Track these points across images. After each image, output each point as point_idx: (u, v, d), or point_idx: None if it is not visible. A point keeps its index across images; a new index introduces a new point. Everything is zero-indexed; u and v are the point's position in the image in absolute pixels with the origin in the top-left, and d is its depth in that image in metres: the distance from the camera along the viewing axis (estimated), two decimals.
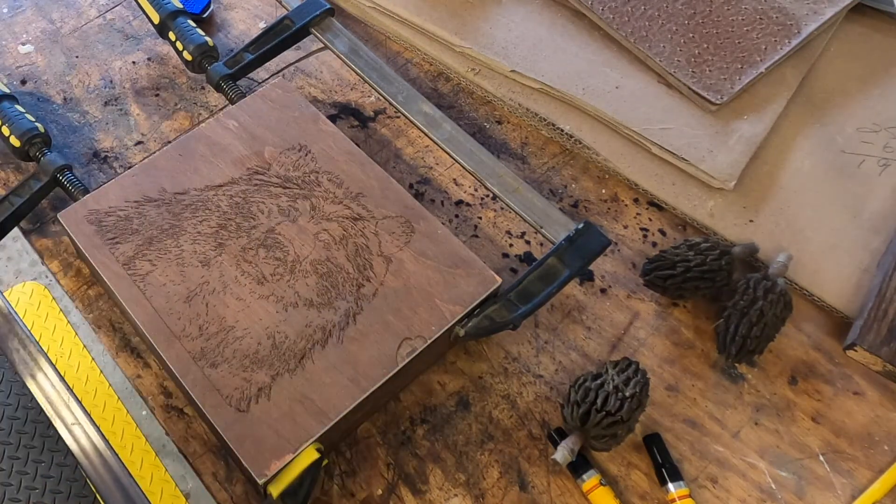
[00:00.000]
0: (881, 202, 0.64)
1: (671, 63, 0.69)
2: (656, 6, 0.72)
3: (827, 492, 0.53)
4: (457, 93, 0.72)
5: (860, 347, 0.55)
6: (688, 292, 0.58)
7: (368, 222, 0.57)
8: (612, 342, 0.59)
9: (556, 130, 0.68)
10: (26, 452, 0.60)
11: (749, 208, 0.64)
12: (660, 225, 0.64)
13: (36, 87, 0.71)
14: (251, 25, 0.76)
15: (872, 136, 0.68)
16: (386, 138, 0.69)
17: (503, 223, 0.64)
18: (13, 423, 0.61)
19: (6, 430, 0.61)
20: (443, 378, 0.57)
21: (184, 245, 0.56)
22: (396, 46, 0.75)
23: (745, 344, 0.55)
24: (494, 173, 0.59)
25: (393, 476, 0.53)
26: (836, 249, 0.62)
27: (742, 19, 0.71)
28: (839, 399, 0.56)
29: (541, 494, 0.52)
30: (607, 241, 0.55)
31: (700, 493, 0.53)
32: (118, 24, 0.76)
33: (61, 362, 0.61)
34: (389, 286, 0.55)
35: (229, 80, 0.66)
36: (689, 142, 0.65)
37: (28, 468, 0.59)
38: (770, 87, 0.69)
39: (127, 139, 0.68)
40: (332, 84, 0.72)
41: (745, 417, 0.55)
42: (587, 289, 0.61)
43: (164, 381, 0.56)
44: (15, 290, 0.65)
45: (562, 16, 0.74)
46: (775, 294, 0.55)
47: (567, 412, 0.52)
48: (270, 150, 0.61)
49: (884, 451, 0.54)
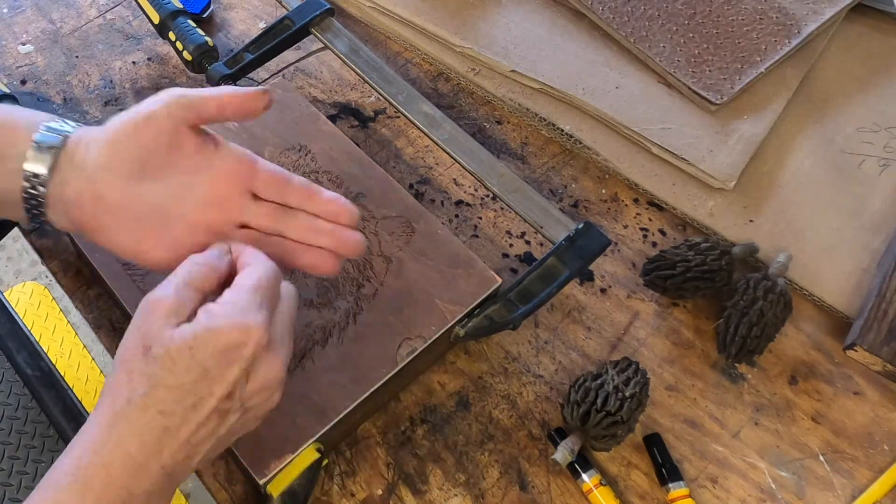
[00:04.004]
0: (881, 202, 0.64)
1: (671, 63, 0.69)
2: (656, 6, 0.72)
3: (827, 492, 0.53)
4: (457, 93, 0.72)
5: (860, 347, 0.55)
6: (688, 292, 0.58)
7: (368, 222, 0.57)
8: (612, 342, 0.59)
9: (556, 130, 0.68)
10: (26, 452, 0.60)
11: (749, 208, 0.64)
12: (660, 225, 0.64)
13: (36, 87, 0.71)
14: (251, 25, 0.76)
15: (872, 136, 0.68)
16: (386, 138, 0.69)
17: (503, 223, 0.64)
18: (13, 423, 0.61)
19: (6, 430, 0.61)
20: (443, 378, 0.57)
21: None
22: (396, 46, 0.75)
23: (745, 344, 0.55)
24: (494, 173, 0.59)
25: (393, 476, 0.53)
26: (836, 249, 0.62)
27: (742, 19, 0.71)
28: (839, 399, 0.56)
29: (541, 494, 0.52)
30: (607, 241, 0.55)
31: (700, 493, 0.53)
32: (118, 24, 0.76)
33: (61, 362, 0.61)
34: (390, 286, 0.55)
35: (229, 80, 0.66)
36: (689, 142, 0.65)
37: (28, 468, 0.59)
38: (770, 87, 0.69)
39: None
40: (332, 84, 0.72)
41: (745, 417, 0.55)
42: (587, 289, 0.61)
43: None
44: (15, 290, 0.65)
45: (562, 16, 0.74)
46: (775, 294, 0.55)
47: (567, 412, 0.52)
48: (270, 150, 0.61)
49: (884, 451, 0.54)
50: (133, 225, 0.45)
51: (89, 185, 0.44)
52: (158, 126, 0.45)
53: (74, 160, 0.45)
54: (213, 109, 0.46)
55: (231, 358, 0.39)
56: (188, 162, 0.46)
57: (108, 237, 0.45)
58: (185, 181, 0.46)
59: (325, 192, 0.48)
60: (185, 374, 0.38)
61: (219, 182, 0.46)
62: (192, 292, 0.41)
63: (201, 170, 0.46)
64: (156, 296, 0.40)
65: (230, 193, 0.47)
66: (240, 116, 0.47)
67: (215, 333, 0.38)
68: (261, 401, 0.42)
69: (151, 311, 0.40)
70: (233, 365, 0.39)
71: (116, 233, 0.45)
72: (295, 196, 0.47)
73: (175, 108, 0.45)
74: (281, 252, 0.47)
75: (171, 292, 0.40)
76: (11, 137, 0.45)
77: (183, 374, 0.38)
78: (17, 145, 0.45)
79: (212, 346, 0.38)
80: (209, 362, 0.38)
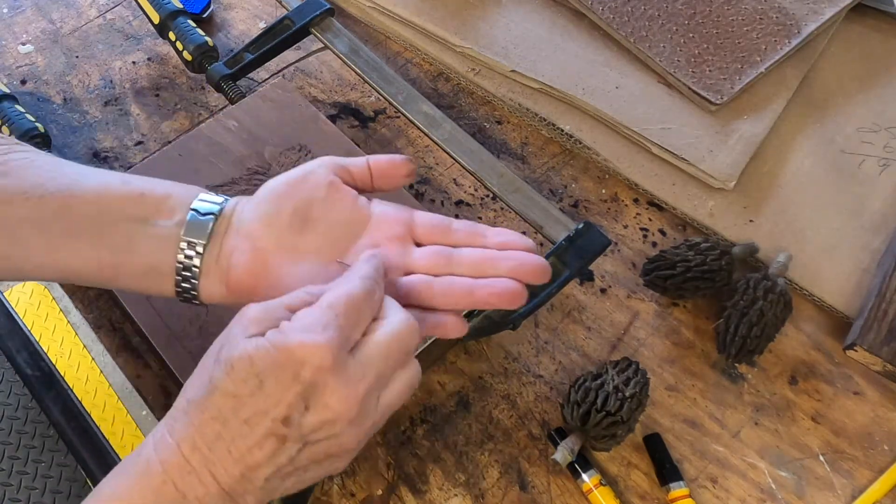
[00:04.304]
0: (881, 202, 0.64)
1: (671, 63, 0.69)
2: (656, 6, 0.72)
3: (827, 492, 0.53)
4: (457, 93, 0.72)
5: (860, 347, 0.55)
6: (688, 292, 0.58)
7: None
8: (612, 342, 0.59)
9: (556, 130, 0.68)
10: (26, 452, 0.60)
11: (749, 208, 0.64)
12: (660, 225, 0.64)
13: (36, 87, 0.71)
14: (251, 25, 0.76)
15: (872, 136, 0.68)
16: (386, 138, 0.69)
17: (503, 223, 0.64)
18: (13, 423, 0.61)
19: (6, 430, 0.61)
20: (443, 378, 0.57)
21: None
22: (396, 46, 0.75)
23: (745, 344, 0.55)
24: (494, 173, 0.59)
25: (393, 476, 0.53)
26: (836, 249, 0.62)
27: (742, 19, 0.71)
28: (839, 399, 0.56)
29: (541, 494, 0.52)
30: (607, 241, 0.55)
31: (700, 493, 0.53)
32: (118, 24, 0.76)
33: (61, 362, 0.61)
34: None
35: (229, 80, 0.66)
36: (689, 142, 0.65)
37: (28, 468, 0.59)
38: (770, 87, 0.69)
39: (127, 139, 0.68)
40: (332, 84, 0.72)
41: (745, 417, 0.55)
42: (587, 289, 0.61)
43: (163, 381, 0.56)
44: (15, 290, 0.65)
45: (562, 16, 0.74)
46: (775, 294, 0.55)
47: (567, 412, 0.52)
48: (270, 150, 0.61)
49: (884, 451, 0.54)
50: (291, 279, 0.43)
51: (249, 241, 0.44)
52: (315, 180, 0.45)
53: (231, 224, 0.44)
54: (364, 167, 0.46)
55: (288, 376, 0.36)
56: (346, 213, 0.45)
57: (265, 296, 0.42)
58: (344, 230, 0.45)
59: (491, 229, 0.46)
60: (241, 384, 0.36)
61: (379, 228, 0.45)
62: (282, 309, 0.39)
63: (360, 219, 0.46)
64: (250, 306, 0.39)
65: (391, 240, 0.45)
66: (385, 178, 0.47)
67: (276, 348, 0.36)
68: (323, 437, 0.37)
69: (239, 317, 0.39)
70: (290, 385, 0.36)
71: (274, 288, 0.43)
72: (459, 236, 0.45)
73: (330, 165, 0.46)
74: (455, 291, 0.43)
75: (261, 304, 0.39)
76: (166, 206, 0.44)
77: (240, 385, 0.36)
78: (174, 214, 0.44)
79: (271, 360, 0.36)
80: (266, 377, 0.36)
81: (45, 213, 0.43)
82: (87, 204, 0.44)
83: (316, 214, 0.44)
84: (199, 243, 0.44)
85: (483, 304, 0.44)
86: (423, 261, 0.45)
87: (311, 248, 0.44)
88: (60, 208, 0.43)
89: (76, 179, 0.45)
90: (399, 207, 0.47)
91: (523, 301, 0.43)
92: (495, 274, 0.44)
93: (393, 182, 0.47)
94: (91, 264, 0.44)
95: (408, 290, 0.44)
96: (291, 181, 0.45)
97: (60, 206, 0.43)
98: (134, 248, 0.44)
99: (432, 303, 0.44)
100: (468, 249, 0.45)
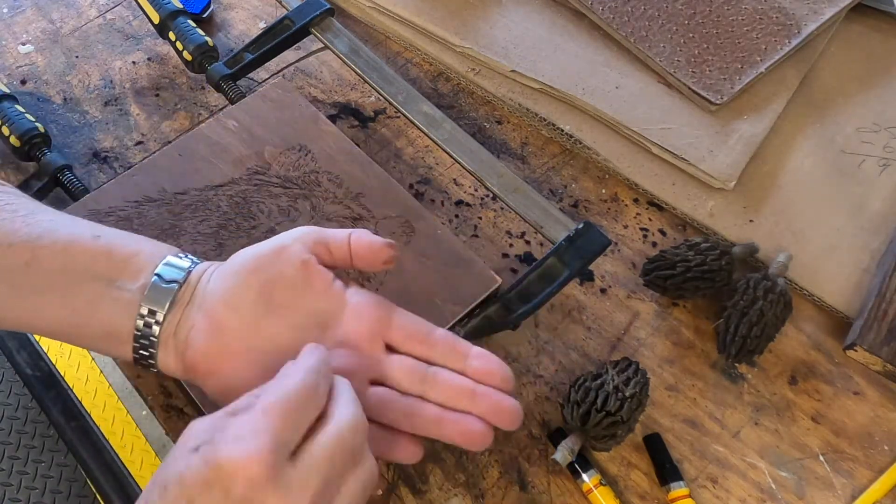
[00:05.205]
0: (881, 202, 0.64)
1: (671, 63, 0.69)
2: (656, 6, 0.72)
3: (827, 492, 0.53)
4: (457, 93, 0.72)
5: (860, 347, 0.55)
6: (688, 292, 0.58)
7: (368, 222, 0.57)
8: (612, 342, 0.59)
9: (556, 130, 0.68)
10: (26, 452, 0.60)
11: (749, 208, 0.64)
12: (660, 225, 0.64)
13: (36, 87, 0.71)
14: (251, 25, 0.76)
15: (872, 136, 0.68)
16: (386, 138, 0.69)
17: (503, 223, 0.64)
18: (13, 423, 0.61)
19: (6, 430, 0.61)
20: None
21: (184, 245, 0.56)
22: (396, 46, 0.75)
23: (745, 344, 0.55)
24: (494, 173, 0.59)
25: (393, 476, 0.53)
26: (836, 249, 0.62)
27: (742, 19, 0.71)
28: (839, 399, 0.56)
29: (541, 494, 0.52)
30: (607, 241, 0.55)
31: (700, 493, 0.53)
32: (118, 24, 0.76)
33: (61, 362, 0.61)
34: (389, 286, 0.55)
35: (229, 80, 0.66)
36: (689, 142, 0.65)
37: (28, 468, 0.59)
38: (770, 87, 0.69)
39: (127, 139, 0.68)
40: (332, 84, 0.72)
41: (745, 417, 0.55)
42: (587, 289, 0.61)
43: (164, 381, 0.56)
44: None
45: (562, 16, 0.74)
46: (775, 294, 0.55)
47: (567, 412, 0.52)
48: (270, 150, 0.61)
49: (884, 451, 0.54)
50: (250, 367, 0.40)
51: (209, 319, 0.41)
52: (288, 257, 0.41)
53: (195, 295, 0.42)
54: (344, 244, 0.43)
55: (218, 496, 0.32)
56: (318, 300, 0.42)
57: (219, 380, 0.41)
58: (314, 320, 0.42)
59: (473, 348, 0.42)
60: None
61: (351, 324, 0.42)
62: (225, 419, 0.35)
63: (333, 309, 0.42)
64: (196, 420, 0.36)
65: (363, 339, 0.42)
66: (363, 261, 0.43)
67: (207, 464, 0.33)
68: None
69: (185, 432, 0.35)
70: None
71: (231, 374, 0.40)
72: (438, 350, 0.42)
73: (307, 239, 0.42)
74: (423, 417, 0.41)
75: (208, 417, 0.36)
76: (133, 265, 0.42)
77: None
78: (139, 276, 0.42)
79: (201, 479, 0.33)
80: (195, 498, 0.33)
81: (12, 263, 0.42)
82: (54, 257, 0.42)
83: (284, 299, 0.41)
84: (158, 311, 0.41)
85: (446, 439, 0.42)
86: (396, 372, 0.42)
87: (274, 334, 0.41)
88: (30, 259, 0.42)
89: (48, 229, 0.43)
90: (378, 301, 0.43)
91: (488, 444, 0.42)
92: (466, 409, 0.42)
93: (371, 266, 0.44)
94: (53, 323, 0.43)
95: (375, 404, 0.41)
96: (262, 255, 0.42)
97: (30, 257, 0.42)
98: (95, 312, 0.42)
99: (395, 422, 0.42)
100: (445, 373, 0.42)
